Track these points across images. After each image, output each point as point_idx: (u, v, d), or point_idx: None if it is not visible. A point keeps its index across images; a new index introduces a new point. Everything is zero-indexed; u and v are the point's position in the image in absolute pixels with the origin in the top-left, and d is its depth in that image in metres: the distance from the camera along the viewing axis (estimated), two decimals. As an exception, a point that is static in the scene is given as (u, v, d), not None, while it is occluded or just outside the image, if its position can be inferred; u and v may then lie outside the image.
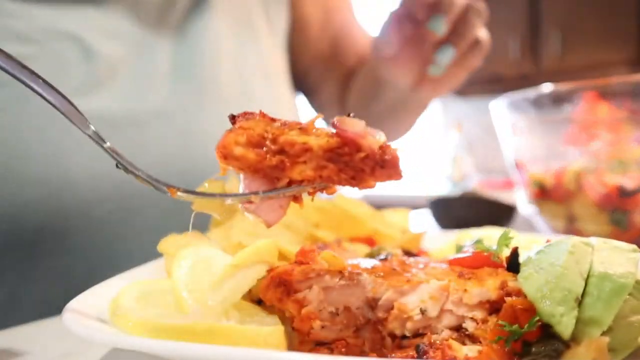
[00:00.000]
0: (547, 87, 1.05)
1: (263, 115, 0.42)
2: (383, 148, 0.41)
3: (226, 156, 0.41)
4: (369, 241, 0.67)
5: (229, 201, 0.44)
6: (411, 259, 0.52)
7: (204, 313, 0.44)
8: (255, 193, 0.42)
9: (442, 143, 4.39)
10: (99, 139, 0.46)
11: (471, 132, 4.41)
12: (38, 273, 0.78)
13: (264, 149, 0.41)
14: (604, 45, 3.93)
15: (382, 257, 0.53)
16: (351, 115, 0.42)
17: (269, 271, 0.49)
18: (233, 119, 0.42)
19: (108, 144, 0.48)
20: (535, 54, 4.21)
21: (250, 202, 0.42)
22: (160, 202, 0.84)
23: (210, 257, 0.51)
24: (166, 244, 0.58)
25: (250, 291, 0.50)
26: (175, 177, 0.86)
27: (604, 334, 0.35)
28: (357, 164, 0.40)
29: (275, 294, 0.48)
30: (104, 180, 0.80)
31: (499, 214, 1.15)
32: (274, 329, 0.43)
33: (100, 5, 0.85)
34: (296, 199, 0.44)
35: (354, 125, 0.41)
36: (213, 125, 0.92)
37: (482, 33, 0.89)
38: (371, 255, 0.56)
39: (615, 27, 3.90)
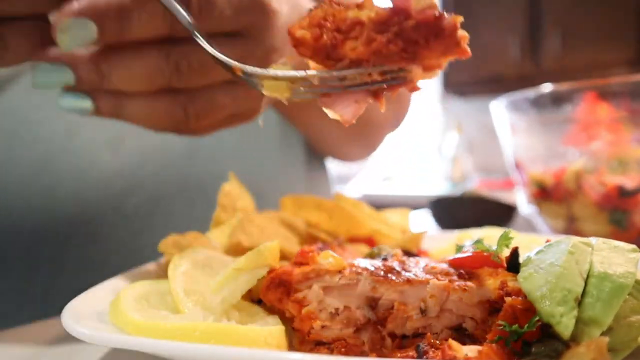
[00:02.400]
0: (547, 87, 1.05)
1: (331, 1, 0.40)
2: (438, 16, 0.37)
3: (294, 42, 0.39)
4: (369, 241, 0.67)
5: (299, 94, 0.40)
6: (411, 259, 0.52)
7: (203, 314, 0.44)
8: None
9: (442, 143, 4.39)
10: (191, 27, 0.45)
11: (471, 132, 4.41)
12: (71, 265, 0.80)
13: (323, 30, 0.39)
14: (604, 45, 3.93)
15: (382, 257, 0.53)
16: None
17: (269, 272, 0.49)
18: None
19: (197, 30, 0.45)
20: (535, 54, 4.21)
21: (327, 95, 0.40)
22: (184, 194, 0.87)
23: (208, 258, 0.51)
24: (166, 244, 0.58)
25: (250, 291, 0.50)
26: (196, 168, 0.88)
27: (603, 334, 0.35)
28: (408, 34, 0.37)
29: (275, 295, 0.48)
30: (131, 175, 0.83)
31: (499, 214, 1.15)
32: (274, 329, 0.43)
33: None
34: (376, 95, 0.40)
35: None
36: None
37: None
38: (371, 255, 0.56)
39: (615, 27, 3.90)
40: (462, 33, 0.37)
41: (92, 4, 0.44)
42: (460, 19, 0.38)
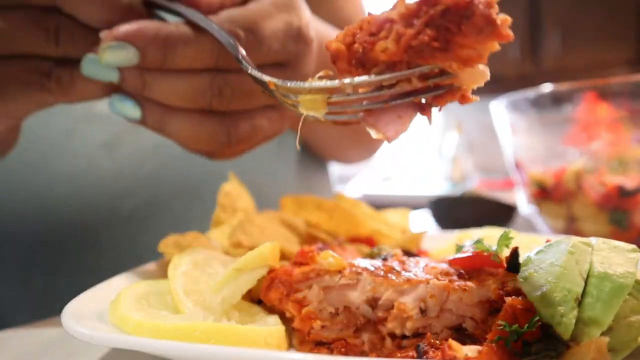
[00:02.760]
0: (547, 87, 1.05)
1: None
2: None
3: (331, 57, 0.37)
4: (369, 241, 0.67)
5: (337, 112, 0.38)
6: (411, 259, 0.52)
7: (203, 314, 0.44)
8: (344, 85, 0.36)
9: (442, 143, 4.39)
10: (245, 61, 0.45)
11: (471, 132, 4.41)
12: (69, 267, 0.80)
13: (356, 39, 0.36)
14: (604, 45, 3.93)
15: (382, 257, 0.53)
16: None
17: (269, 272, 0.50)
18: None
19: (243, 52, 0.46)
20: (535, 54, 4.21)
21: (369, 113, 0.37)
22: (182, 196, 0.87)
23: (208, 258, 0.51)
24: (166, 244, 0.58)
25: (250, 291, 0.50)
26: (192, 169, 0.88)
27: (603, 334, 0.35)
28: (437, 21, 0.33)
29: (275, 295, 0.48)
30: (129, 177, 0.83)
31: (499, 214, 1.15)
32: (274, 329, 0.43)
33: None
34: (423, 109, 0.37)
35: None
36: None
37: None
38: (371, 255, 0.56)
39: (615, 27, 3.90)
40: (500, 15, 0.33)
41: (139, 30, 0.47)
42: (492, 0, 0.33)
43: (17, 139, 0.63)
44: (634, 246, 0.42)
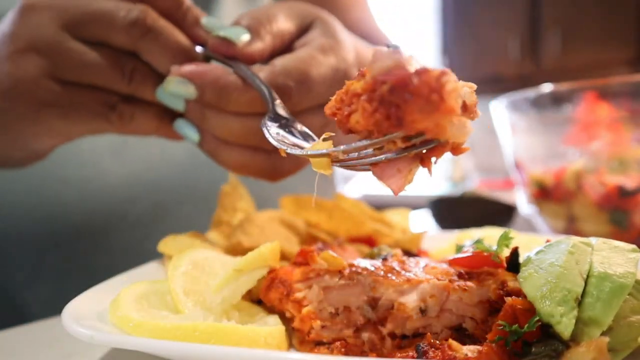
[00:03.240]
0: (547, 87, 1.05)
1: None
2: (410, 74, 0.33)
3: (337, 124, 0.39)
4: (369, 241, 0.67)
5: (345, 166, 0.40)
6: (411, 259, 0.52)
7: (203, 314, 0.44)
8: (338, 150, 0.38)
9: (442, 143, 4.38)
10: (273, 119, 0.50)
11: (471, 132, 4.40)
12: (78, 271, 0.81)
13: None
14: (604, 45, 3.93)
15: (382, 257, 0.53)
16: (387, 47, 0.35)
17: (269, 272, 0.50)
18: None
19: (277, 101, 0.52)
20: (535, 54, 4.21)
21: (376, 165, 0.38)
22: (189, 201, 0.89)
23: (208, 258, 0.51)
24: (166, 245, 0.58)
25: (250, 291, 0.50)
26: (199, 176, 0.88)
27: (603, 334, 0.35)
28: (388, 99, 0.34)
29: (275, 295, 0.48)
30: (136, 183, 0.84)
31: (499, 214, 1.15)
32: (274, 329, 0.43)
33: None
34: (422, 161, 0.38)
35: (382, 60, 0.34)
36: None
37: None
38: (371, 255, 0.56)
39: (615, 26, 3.90)
40: (450, 86, 0.33)
41: (202, 72, 0.54)
42: (442, 72, 0.32)
43: (45, 157, 0.67)
44: (634, 246, 0.42)
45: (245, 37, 0.55)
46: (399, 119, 0.34)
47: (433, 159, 0.38)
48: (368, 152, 0.38)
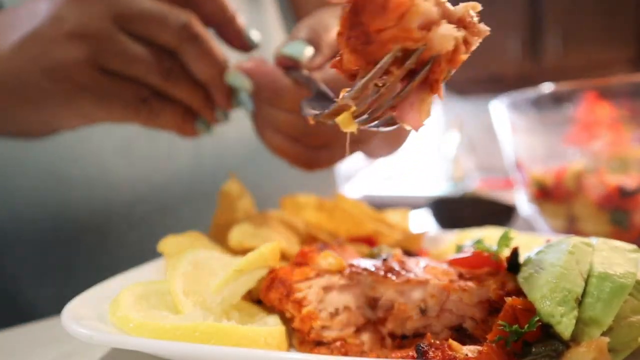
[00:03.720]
0: (547, 87, 1.05)
1: None
2: None
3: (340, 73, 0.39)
4: (369, 241, 0.67)
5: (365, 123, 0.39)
6: (411, 259, 0.52)
7: (203, 315, 0.44)
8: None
9: (442, 143, 4.39)
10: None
11: (471, 132, 4.41)
12: (80, 271, 0.82)
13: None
14: (604, 44, 3.93)
15: (382, 257, 0.53)
16: None
17: (269, 272, 0.49)
18: None
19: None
20: (535, 53, 4.21)
21: (394, 109, 0.37)
22: (192, 202, 0.89)
23: (208, 258, 0.51)
24: (166, 245, 0.58)
25: (250, 291, 0.50)
26: (204, 178, 0.89)
27: (604, 334, 0.35)
28: (353, 20, 0.34)
29: (275, 295, 0.48)
30: (141, 183, 0.85)
31: (499, 214, 1.15)
32: (274, 329, 0.43)
33: None
34: (432, 88, 0.37)
35: None
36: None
37: None
38: (371, 255, 0.56)
39: (615, 26, 3.90)
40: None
41: (260, 71, 0.59)
42: None
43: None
44: (634, 246, 0.42)
45: (308, 52, 0.58)
46: (367, 35, 0.34)
47: (440, 82, 0.36)
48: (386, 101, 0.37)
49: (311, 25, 0.60)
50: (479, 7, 0.36)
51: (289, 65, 0.59)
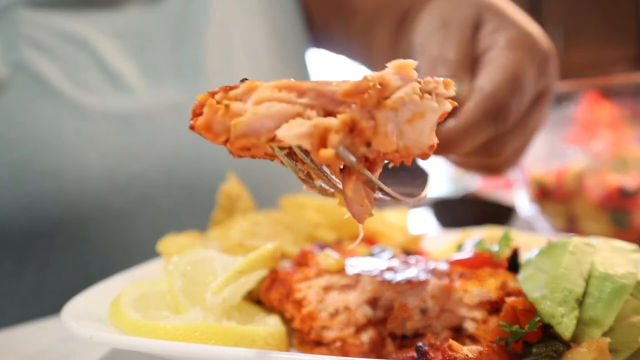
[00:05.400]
0: (548, 87, 1.05)
1: None
2: None
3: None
4: (369, 241, 0.67)
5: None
6: (411, 259, 0.52)
7: (203, 315, 0.44)
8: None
9: (443, 143, 4.38)
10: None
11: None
12: (58, 263, 0.81)
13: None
14: (605, 43, 3.93)
15: (382, 257, 0.53)
16: None
17: (269, 273, 0.49)
18: None
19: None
20: (536, 53, 4.20)
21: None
22: (172, 193, 0.88)
23: (208, 258, 0.51)
24: (165, 244, 0.58)
25: (250, 292, 0.50)
26: (184, 168, 0.88)
27: (605, 334, 0.35)
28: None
29: (275, 295, 0.48)
30: (118, 173, 0.84)
31: (499, 214, 1.15)
32: (274, 329, 0.43)
33: (106, 10, 0.90)
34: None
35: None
36: None
37: None
38: (371, 255, 0.55)
39: (616, 25, 3.90)
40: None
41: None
42: None
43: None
44: (635, 246, 0.42)
45: (462, 88, 0.56)
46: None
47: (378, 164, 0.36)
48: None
49: (444, 58, 0.58)
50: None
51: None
